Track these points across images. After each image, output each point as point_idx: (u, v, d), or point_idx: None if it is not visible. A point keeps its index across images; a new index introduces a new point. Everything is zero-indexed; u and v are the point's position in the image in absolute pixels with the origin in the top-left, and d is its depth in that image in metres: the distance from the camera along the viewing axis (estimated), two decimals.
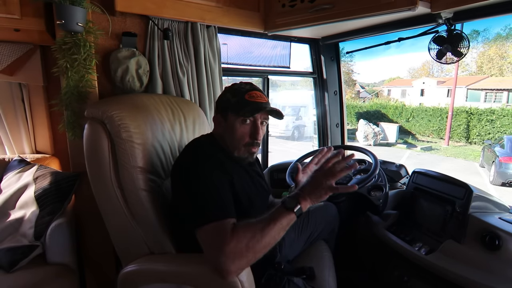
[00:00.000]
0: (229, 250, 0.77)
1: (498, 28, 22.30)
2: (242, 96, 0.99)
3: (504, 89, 14.78)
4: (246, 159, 1.04)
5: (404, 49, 29.93)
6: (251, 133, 1.00)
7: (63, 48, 1.22)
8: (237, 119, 0.99)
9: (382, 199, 1.39)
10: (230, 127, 1.00)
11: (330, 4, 1.40)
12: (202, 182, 0.88)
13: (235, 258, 0.78)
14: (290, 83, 11.82)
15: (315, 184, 0.87)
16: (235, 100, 0.99)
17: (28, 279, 1.20)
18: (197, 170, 0.91)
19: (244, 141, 1.00)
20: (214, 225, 0.83)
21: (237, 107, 0.98)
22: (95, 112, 1.05)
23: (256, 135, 1.00)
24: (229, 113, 1.00)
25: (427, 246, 1.21)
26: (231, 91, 1.03)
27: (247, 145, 1.01)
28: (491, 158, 7.84)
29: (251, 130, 1.00)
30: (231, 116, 1.00)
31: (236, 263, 0.78)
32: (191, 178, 0.90)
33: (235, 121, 0.99)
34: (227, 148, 1.03)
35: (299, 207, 0.85)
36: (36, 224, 1.35)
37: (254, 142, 1.00)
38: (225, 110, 1.02)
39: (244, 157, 1.03)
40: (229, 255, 0.77)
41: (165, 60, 1.48)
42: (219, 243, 0.79)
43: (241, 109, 0.97)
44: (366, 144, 11.72)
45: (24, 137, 1.71)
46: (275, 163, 1.95)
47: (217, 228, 0.82)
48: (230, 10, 1.59)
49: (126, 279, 1.00)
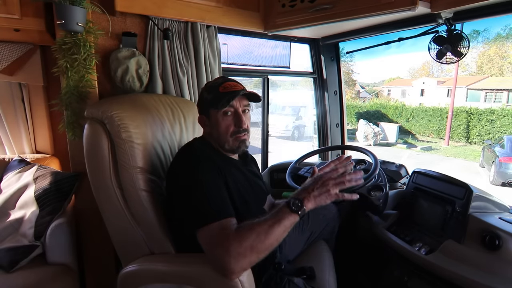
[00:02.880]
0: (234, 250, 0.78)
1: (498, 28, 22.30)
2: (216, 90, 1.02)
3: (504, 89, 14.77)
4: (238, 149, 1.05)
5: (404, 49, 29.91)
6: (235, 123, 1.02)
7: (63, 48, 1.22)
8: (218, 113, 1.01)
9: (382, 199, 1.39)
10: (214, 123, 1.03)
11: (330, 4, 1.40)
12: (199, 184, 0.89)
13: (239, 258, 0.78)
14: (290, 83, 11.81)
15: (322, 188, 0.89)
16: (211, 96, 1.02)
17: (28, 279, 1.20)
18: (192, 173, 0.91)
19: (230, 131, 1.02)
20: (216, 225, 0.83)
21: (214, 101, 1.01)
22: (95, 112, 1.05)
23: (239, 123, 1.02)
24: (210, 110, 1.03)
25: (427, 246, 1.21)
26: (206, 89, 1.07)
27: (233, 134, 1.03)
28: (491, 158, 7.84)
29: (234, 120, 1.02)
30: (212, 112, 1.03)
31: (240, 263, 0.78)
32: (187, 181, 0.90)
33: (216, 115, 1.02)
34: (218, 147, 1.06)
35: (303, 209, 0.86)
36: (36, 224, 1.35)
37: (239, 130, 1.03)
38: (205, 109, 1.05)
39: (235, 147, 1.04)
40: (234, 255, 0.78)
41: (165, 60, 1.48)
42: (223, 242, 0.79)
43: (218, 102, 1.00)
44: (366, 144, 11.72)
45: (24, 137, 1.72)
46: (275, 163, 1.95)
47: (219, 228, 0.82)
48: (230, 10, 1.59)
49: (126, 279, 1.00)
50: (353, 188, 1.38)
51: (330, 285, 1.14)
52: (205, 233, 0.84)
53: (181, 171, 0.94)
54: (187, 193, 0.89)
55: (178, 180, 0.93)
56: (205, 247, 0.84)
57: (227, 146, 1.04)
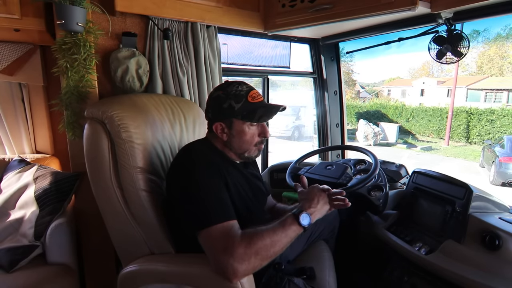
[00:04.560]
0: (239, 254, 0.78)
1: (498, 28, 22.27)
2: (245, 99, 0.98)
3: (504, 89, 14.76)
4: (256, 157, 1.08)
5: (404, 49, 29.89)
6: (260, 133, 1.03)
7: (63, 48, 1.22)
8: (245, 123, 0.99)
9: (382, 199, 1.39)
10: (238, 132, 1.00)
11: (330, 4, 1.40)
12: (201, 185, 0.89)
13: (244, 262, 0.79)
14: (290, 83, 11.80)
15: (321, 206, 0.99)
16: (240, 106, 0.97)
17: (28, 279, 1.20)
18: (193, 174, 0.91)
19: (255, 141, 1.03)
20: (219, 227, 0.83)
21: (245, 113, 0.97)
22: (95, 112, 1.05)
23: (266, 133, 1.03)
24: (234, 120, 0.99)
25: (427, 246, 1.21)
26: (229, 96, 0.98)
27: (257, 144, 1.04)
28: (491, 158, 7.84)
29: (260, 130, 1.03)
30: (237, 122, 0.99)
31: (244, 266, 0.79)
32: (188, 182, 0.90)
33: (242, 125, 0.99)
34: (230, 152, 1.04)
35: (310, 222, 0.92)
36: (36, 224, 1.35)
37: (263, 140, 1.04)
38: (228, 117, 0.99)
39: (254, 156, 1.07)
40: (238, 258, 0.78)
41: (165, 60, 1.48)
42: (227, 246, 0.80)
43: (251, 114, 0.97)
44: (366, 144, 11.71)
45: (24, 137, 1.72)
46: (275, 163, 1.95)
47: (221, 231, 0.83)
48: (230, 10, 1.59)
49: (126, 279, 1.00)
50: (353, 188, 1.38)
51: (330, 285, 1.13)
52: (207, 235, 0.84)
53: (181, 172, 0.94)
54: (187, 194, 0.89)
55: (178, 181, 0.93)
56: (207, 250, 0.84)
57: (247, 154, 1.04)
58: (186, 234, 0.93)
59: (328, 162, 1.69)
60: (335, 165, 1.63)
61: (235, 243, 0.80)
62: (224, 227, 0.83)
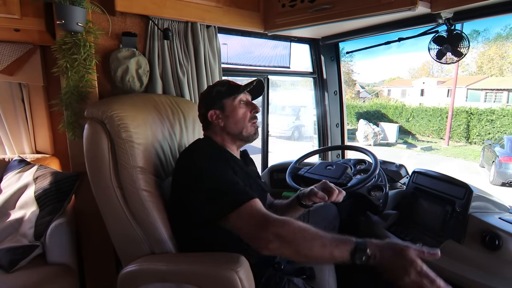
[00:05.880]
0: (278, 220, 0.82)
1: (498, 28, 22.23)
2: (228, 84, 1.10)
3: (504, 89, 14.75)
4: (254, 136, 1.11)
5: (404, 49, 29.86)
6: (251, 110, 1.10)
7: (63, 48, 1.22)
8: (235, 100, 1.07)
9: (382, 199, 1.39)
10: (231, 111, 1.07)
11: (330, 4, 1.40)
12: (218, 174, 0.93)
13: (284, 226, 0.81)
14: (290, 83, 11.81)
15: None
16: (225, 88, 1.09)
17: (28, 279, 1.20)
18: (207, 167, 0.94)
19: (248, 117, 1.09)
20: (248, 205, 0.87)
21: (231, 90, 1.08)
22: (95, 112, 1.05)
23: (255, 107, 1.11)
24: (224, 101, 1.08)
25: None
26: (216, 85, 1.13)
27: (251, 119, 1.10)
28: (491, 158, 7.83)
29: (251, 107, 1.10)
30: (228, 102, 1.08)
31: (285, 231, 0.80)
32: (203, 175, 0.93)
33: (233, 104, 1.07)
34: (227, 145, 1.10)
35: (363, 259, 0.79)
36: (36, 224, 1.35)
37: (255, 115, 1.11)
38: (218, 101, 1.08)
39: (252, 134, 1.11)
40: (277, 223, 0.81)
41: (165, 60, 1.48)
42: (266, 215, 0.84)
43: (237, 89, 1.07)
44: (366, 144, 11.71)
45: (24, 137, 1.72)
46: (275, 163, 1.95)
47: (254, 206, 0.87)
48: (230, 10, 1.59)
49: (126, 279, 1.00)
50: (353, 188, 1.38)
51: (330, 285, 1.13)
52: (240, 214, 0.86)
53: (195, 163, 0.96)
54: (207, 181, 0.91)
55: (191, 172, 0.95)
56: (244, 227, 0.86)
57: (245, 133, 1.09)
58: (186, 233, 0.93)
59: (328, 162, 1.69)
60: (335, 165, 1.63)
61: (271, 214, 0.84)
62: (256, 202, 0.88)
